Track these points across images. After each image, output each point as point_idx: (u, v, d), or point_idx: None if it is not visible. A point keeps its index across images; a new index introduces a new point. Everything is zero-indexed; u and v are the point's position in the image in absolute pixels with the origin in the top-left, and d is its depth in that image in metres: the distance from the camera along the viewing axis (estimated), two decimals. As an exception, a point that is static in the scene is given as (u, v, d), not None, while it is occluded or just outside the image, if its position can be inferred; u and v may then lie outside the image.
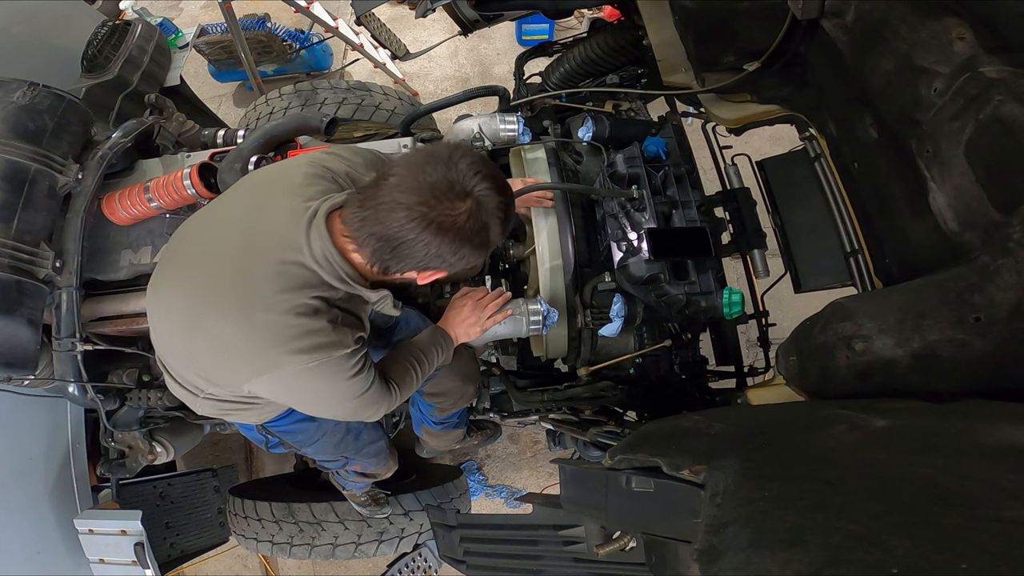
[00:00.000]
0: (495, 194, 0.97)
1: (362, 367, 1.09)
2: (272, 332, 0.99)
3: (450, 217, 0.93)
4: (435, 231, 0.93)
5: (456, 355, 1.52)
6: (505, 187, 1.01)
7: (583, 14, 3.60)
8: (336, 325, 1.02)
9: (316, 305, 1.00)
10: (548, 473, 2.93)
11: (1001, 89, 0.94)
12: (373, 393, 1.15)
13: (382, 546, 2.09)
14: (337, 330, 1.02)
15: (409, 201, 0.92)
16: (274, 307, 0.98)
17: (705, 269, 1.53)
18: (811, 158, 1.68)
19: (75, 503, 1.86)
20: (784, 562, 0.50)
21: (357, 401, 1.13)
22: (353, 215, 0.97)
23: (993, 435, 0.69)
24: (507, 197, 1.01)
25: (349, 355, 1.05)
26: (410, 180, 0.93)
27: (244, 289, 1.00)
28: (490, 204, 0.97)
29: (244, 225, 1.06)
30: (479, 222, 0.96)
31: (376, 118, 2.41)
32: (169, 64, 2.43)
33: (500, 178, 1.00)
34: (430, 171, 0.93)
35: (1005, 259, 0.84)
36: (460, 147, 0.99)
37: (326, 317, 1.01)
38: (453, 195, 0.93)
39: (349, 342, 1.04)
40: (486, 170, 0.97)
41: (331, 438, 1.57)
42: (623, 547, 1.04)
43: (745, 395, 1.55)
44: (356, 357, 1.07)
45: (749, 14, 1.55)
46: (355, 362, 1.07)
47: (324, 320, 1.00)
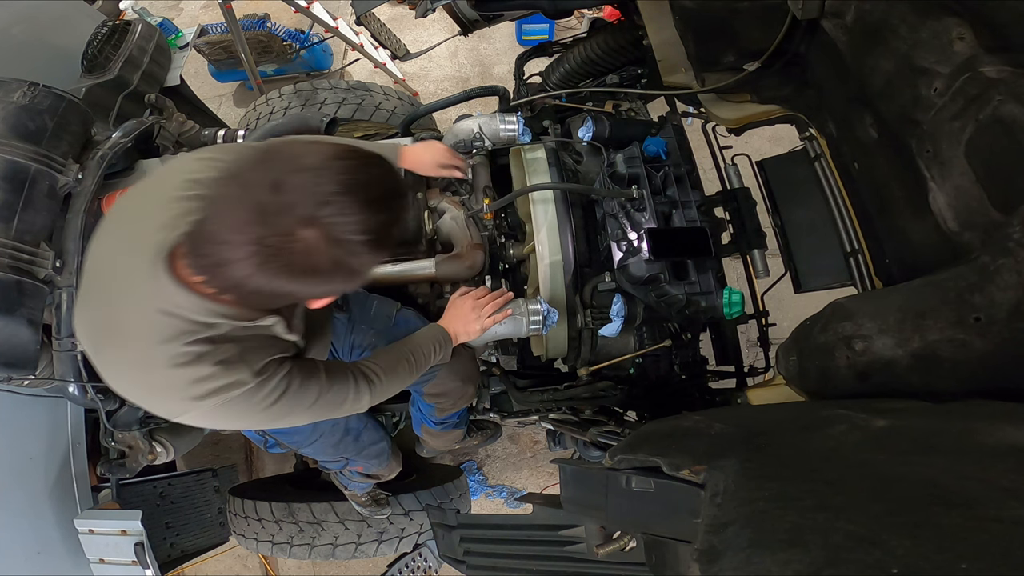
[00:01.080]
0: (349, 213, 0.76)
1: (284, 389, 0.98)
2: (162, 386, 0.91)
3: (294, 255, 0.76)
4: (287, 274, 0.77)
5: (455, 356, 1.52)
6: (370, 190, 0.79)
7: (583, 14, 3.60)
8: (229, 365, 0.90)
9: (197, 351, 0.88)
10: (548, 473, 2.93)
11: (1001, 89, 0.94)
12: (334, 394, 1.08)
13: (382, 546, 2.09)
14: (231, 370, 0.90)
15: (239, 240, 0.74)
16: (154, 362, 0.88)
17: (705, 269, 1.53)
18: (811, 158, 1.68)
19: (75, 503, 1.86)
20: (784, 562, 0.50)
21: (312, 409, 1.05)
22: (191, 264, 0.82)
23: (993, 435, 0.69)
24: (373, 209, 0.78)
25: (256, 387, 0.93)
26: (237, 211, 0.75)
27: (124, 341, 0.90)
28: (343, 228, 0.76)
29: (107, 263, 0.93)
30: (332, 254, 0.77)
31: (376, 118, 2.41)
32: (169, 64, 2.43)
33: (356, 182, 0.78)
34: (257, 191, 0.74)
35: (1005, 259, 0.84)
36: (298, 152, 0.78)
37: (211, 360, 0.89)
38: (289, 226, 0.74)
39: (247, 378, 0.92)
40: (330, 181, 0.76)
41: (329, 439, 1.57)
42: (623, 547, 1.04)
43: (745, 395, 1.55)
44: (269, 385, 0.95)
45: (749, 14, 1.55)
46: (270, 390, 0.96)
47: (209, 365, 0.88)
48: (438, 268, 1.62)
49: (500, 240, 1.79)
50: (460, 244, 1.67)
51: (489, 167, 1.87)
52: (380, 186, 0.81)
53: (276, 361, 0.98)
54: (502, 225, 1.83)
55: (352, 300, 1.48)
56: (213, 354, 0.89)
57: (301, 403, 1.02)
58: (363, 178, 0.79)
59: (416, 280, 1.66)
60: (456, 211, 1.71)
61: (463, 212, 1.71)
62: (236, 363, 0.91)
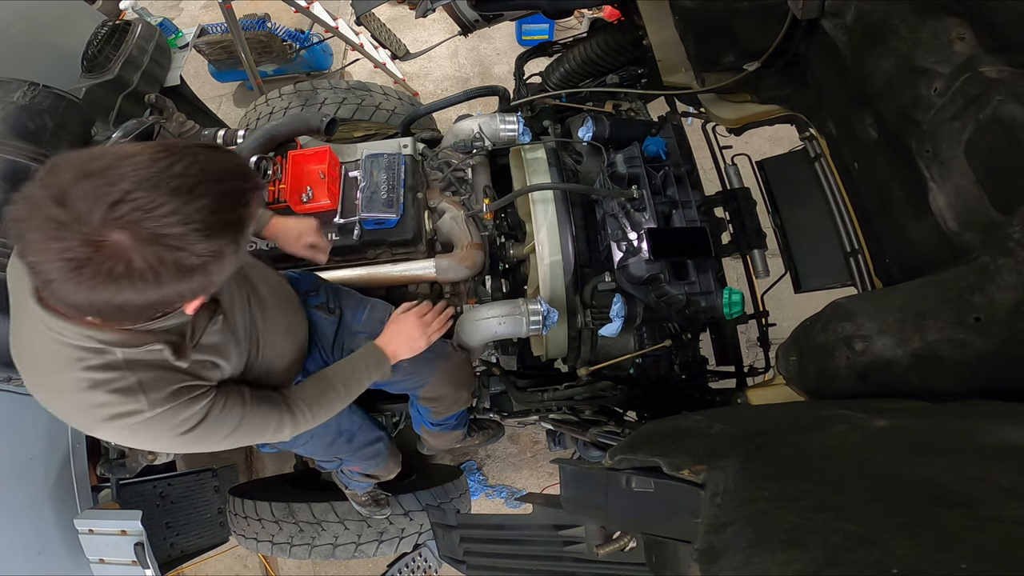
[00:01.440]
0: (152, 206, 0.71)
1: (200, 420, 0.97)
2: (70, 408, 0.91)
3: (106, 262, 0.71)
4: (108, 283, 0.72)
5: (449, 362, 1.52)
6: (174, 179, 0.73)
7: (583, 14, 3.60)
8: (125, 393, 0.89)
9: (93, 378, 0.87)
10: (548, 473, 2.93)
11: (1001, 89, 0.94)
12: (255, 426, 1.08)
13: (382, 546, 2.09)
14: (127, 399, 0.89)
15: (47, 259, 0.71)
16: (61, 387, 0.89)
17: (705, 269, 1.53)
18: (811, 158, 1.68)
19: (75, 503, 1.86)
20: (784, 562, 0.50)
21: (228, 439, 1.05)
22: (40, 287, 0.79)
23: (993, 435, 0.69)
24: (184, 197, 0.72)
25: (160, 416, 0.92)
26: (33, 232, 0.71)
27: (37, 368, 0.92)
28: (151, 223, 0.71)
29: (17, 292, 0.91)
30: (148, 252, 0.72)
31: (376, 118, 2.41)
32: (169, 64, 2.43)
33: (154, 175, 0.72)
34: (45, 207, 0.70)
35: (1005, 259, 0.84)
36: (83, 159, 0.72)
37: (107, 388, 0.88)
38: (87, 234, 0.70)
39: (143, 407, 0.90)
40: (122, 180, 0.70)
41: (320, 440, 1.57)
42: (623, 547, 1.04)
43: (745, 395, 1.55)
44: (180, 415, 0.94)
45: (749, 14, 1.55)
46: (182, 419, 0.95)
47: (104, 392, 0.88)
48: (438, 268, 1.62)
49: (500, 240, 1.79)
50: (460, 244, 1.67)
51: (489, 167, 1.87)
52: (187, 174, 0.74)
53: (188, 390, 0.96)
54: (502, 225, 1.83)
55: (344, 303, 1.48)
56: (110, 382, 0.88)
57: (216, 432, 1.02)
58: (161, 170, 0.73)
59: (416, 280, 1.66)
60: (456, 211, 1.71)
61: (463, 212, 1.71)
62: (134, 392, 0.89)
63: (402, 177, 1.64)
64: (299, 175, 1.62)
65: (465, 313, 1.62)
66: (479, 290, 1.71)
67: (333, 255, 1.64)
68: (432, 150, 1.82)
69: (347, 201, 1.64)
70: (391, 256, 1.66)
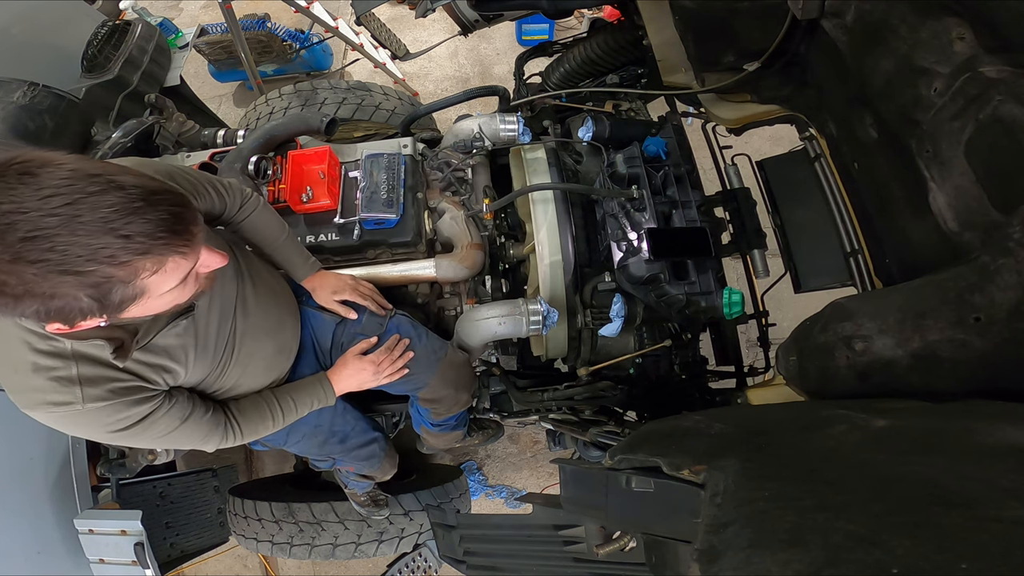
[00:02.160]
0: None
1: (136, 421, 0.99)
2: (10, 387, 0.93)
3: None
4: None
5: (449, 364, 1.52)
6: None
7: (583, 14, 3.60)
8: (62, 383, 0.90)
9: (36, 362, 0.89)
10: (548, 473, 2.93)
11: (1001, 89, 0.94)
12: (187, 434, 1.10)
13: (382, 546, 2.09)
14: (62, 389, 0.91)
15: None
16: (9, 365, 0.91)
17: (705, 269, 1.53)
18: (811, 158, 1.68)
19: (75, 503, 1.86)
20: (784, 562, 0.50)
21: (161, 439, 1.07)
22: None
23: (993, 435, 0.69)
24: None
25: (94, 411, 0.93)
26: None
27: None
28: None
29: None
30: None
31: (376, 118, 2.41)
32: (169, 64, 2.43)
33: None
34: None
35: (1005, 259, 0.84)
36: None
37: (46, 375, 0.90)
38: None
39: (75, 400, 0.91)
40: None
41: (311, 440, 1.57)
42: (623, 547, 1.04)
43: (745, 395, 1.55)
44: (118, 415, 0.96)
45: (749, 14, 1.55)
46: (120, 418, 0.97)
47: (43, 378, 0.90)
48: (438, 268, 1.62)
49: (500, 240, 1.79)
50: (460, 244, 1.67)
51: (489, 167, 1.87)
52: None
53: (129, 391, 0.96)
54: (502, 225, 1.83)
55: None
56: (51, 369, 0.90)
57: (146, 435, 1.03)
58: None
59: (416, 280, 1.66)
60: (456, 211, 1.71)
61: (463, 212, 1.71)
62: (71, 384, 0.91)
63: (402, 177, 1.64)
64: (299, 175, 1.62)
65: (465, 313, 1.62)
66: (479, 290, 1.71)
67: (333, 255, 1.64)
68: (432, 150, 1.82)
69: (347, 201, 1.64)
70: (391, 256, 1.66)
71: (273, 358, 1.32)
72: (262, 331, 1.26)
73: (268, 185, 1.65)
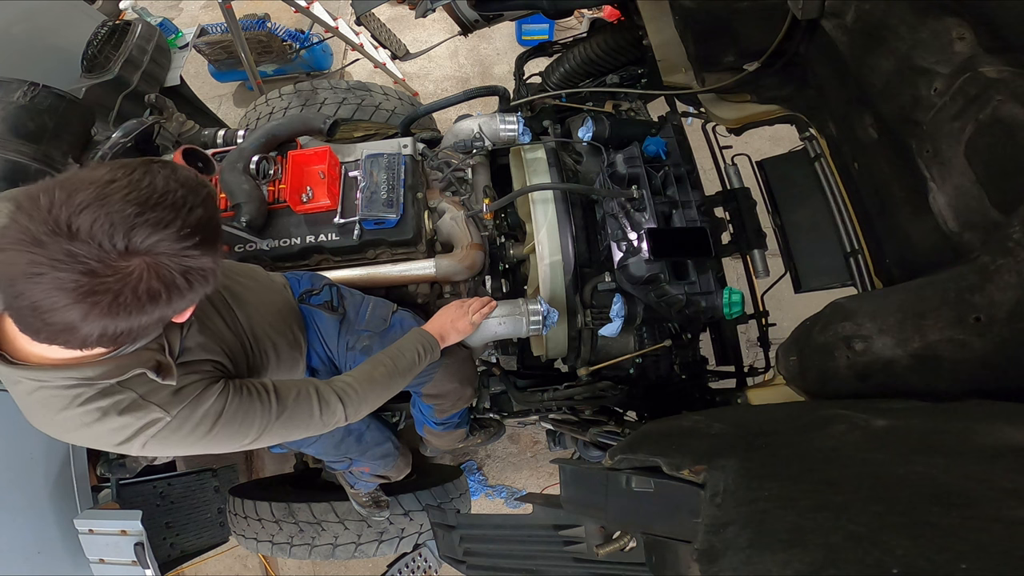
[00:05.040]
0: (163, 225, 0.73)
1: (218, 415, 0.96)
2: (91, 439, 0.91)
3: (134, 287, 0.74)
4: (139, 308, 0.75)
5: (452, 358, 1.52)
6: (168, 194, 0.74)
7: (583, 14, 3.60)
8: (135, 409, 0.89)
9: (98, 407, 0.87)
10: (548, 473, 2.93)
11: (1001, 89, 0.94)
12: (293, 412, 1.06)
13: (382, 546, 2.09)
14: (140, 412, 0.89)
15: (70, 300, 0.71)
16: (69, 425, 0.88)
17: (705, 269, 1.53)
18: (811, 158, 1.68)
19: (75, 503, 1.86)
20: (784, 562, 0.50)
21: (271, 431, 1.03)
22: (35, 338, 0.77)
23: (993, 435, 0.69)
24: (184, 210, 0.75)
25: (178, 419, 0.92)
26: (46, 277, 0.69)
27: (33, 415, 0.91)
28: (167, 243, 0.73)
29: None
30: (170, 270, 0.75)
31: (376, 118, 2.41)
32: (169, 64, 2.43)
33: (149, 194, 0.73)
34: (54, 248, 0.69)
35: (1005, 259, 0.84)
36: (66, 192, 0.70)
37: (116, 411, 0.88)
38: (111, 266, 0.71)
39: (160, 414, 0.90)
40: (123, 203, 0.71)
41: (329, 440, 1.57)
42: (623, 547, 1.04)
43: (745, 395, 1.55)
44: (196, 415, 0.94)
45: (749, 14, 1.55)
46: (199, 419, 0.94)
47: (115, 416, 0.88)
48: (438, 268, 1.62)
49: (500, 240, 1.79)
50: (460, 244, 1.67)
51: (489, 167, 1.87)
52: (174, 186, 0.75)
53: (190, 389, 0.94)
54: (502, 225, 1.83)
55: (347, 301, 1.48)
56: (117, 405, 0.88)
57: (248, 425, 1.00)
58: (151, 187, 0.73)
59: (416, 280, 1.66)
60: (456, 211, 1.71)
61: (463, 212, 1.71)
62: (142, 405, 0.89)
63: (402, 177, 1.64)
64: (299, 175, 1.62)
65: (465, 313, 1.62)
66: (479, 290, 1.71)
67: (333, 255, 1.64)
68: (432, 150, 1.82)
69: (347, 201, 1.64)
70: (391, 256, 1.66)
71: (284, 339, 1.32)
72: (263, 310, 1.25)
73: (269, 185, 1.65)
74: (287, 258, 1.60)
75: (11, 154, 1.51)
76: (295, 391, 1.09)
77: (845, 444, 0.74)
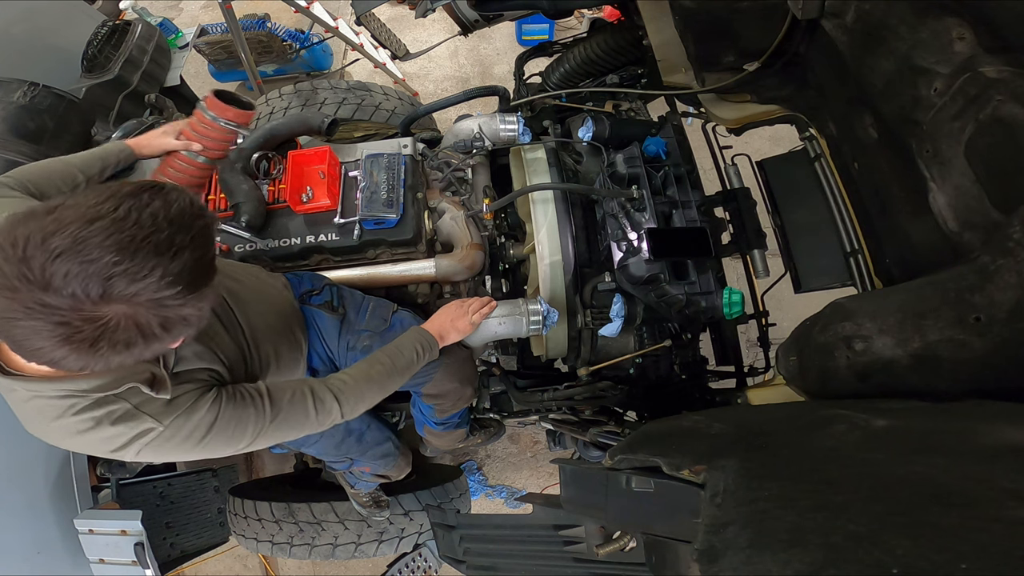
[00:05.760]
0: (142, 274, 0.70)
1: (212, 421, 0.96)
2: (86, 446, 0.91)
3: (112, 333, 0.72)
4: (116, 351, 0.74)
5: (453, 357, 1.52)
6: (152, 235, 0.71)
7: (583, 14, 3.60)
8: (128, 418, 0.89)
9: (91, 417, 0.87)
10: (548, 473, 2.93)
11: (1001, 89, 0.94)
12: (288, 413, 1.06)
13: (382, 546, 2.09)
14: (133, 422, 0.89)
15: (51, 345, 0.71)
16: (64, 433, 0.89)
17: (705, 269, 1.53)
18: (811, 158, 1.68)
19: (75, 503, 1.85)
20: (784, 562, 0.50)
21: (266, 433, 1.03)
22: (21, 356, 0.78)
23: (993, 435, 0.69)
24: (168, 253, 0.71)
25: (171, 427, 0.92)
26: (22, 323, 0.69)
27: (28, 421, 0.91)
28: (147, 291, 0.71)
29: None
30: (150, 316, 0.73)
31: (376, 118, 2.41)
32: (169, 64, 2.43)
33: (131, 237, 0.69)
34: (27, 297, 0.67)
35: (1005, 259, 0.84)
36: (42, 235, 0.67)
37: (108, 421, 0.88)
38: (88, 315, 0.70)
39: (153, 424, 0.90)
40: (100, 250, 0.68)
41: (330, 440, 1.57)
42: (623, 547, 1.04)
43: (745, 395, 1.55)
44: (190, 422, 0.93)
45: (749, 14, 1.55)
46: (193, 426, 0.94)
47: (108, 425, 0.87)
48: (438, 268, 1.62)
49: (500, 240, 1.79)
50: (460, 244, 1.67)
51: (489, 167, 1.87)
52: (163, 224, 0.72)
53: (184, 398, 0.94)
54: (502, 225, 1.83)
55: (347, 302, 1.48)
56: (110, 415, 0.88)
57: (242, 431, 1.00)
58: (136, 226, 0.69)
59: (416, 280, 1.66)
60: (456, 211, 1.71)
61: (463, 212, 1.71)
62: (135, 415, 0.89)
63: (402, 177, 1.64)
64: (299, 175, 1.62)
65: (465, 313, 1.62)
66: (479, 290, 1.72)
67: (333, 255, 1.64)
68: (432, 150, 1.82)
69: (347, 201, 1.63)
70: (391, 256, 1.66)
71: (286, 342, 1.31)
72: (263, 311, 1.25)
73: (269, 185, 1.65)
74: (287, 258, 1.60)
75: (11, 154, 1.51)
76: (289, 392, 1.08)
77: (845, 444, 0.74)
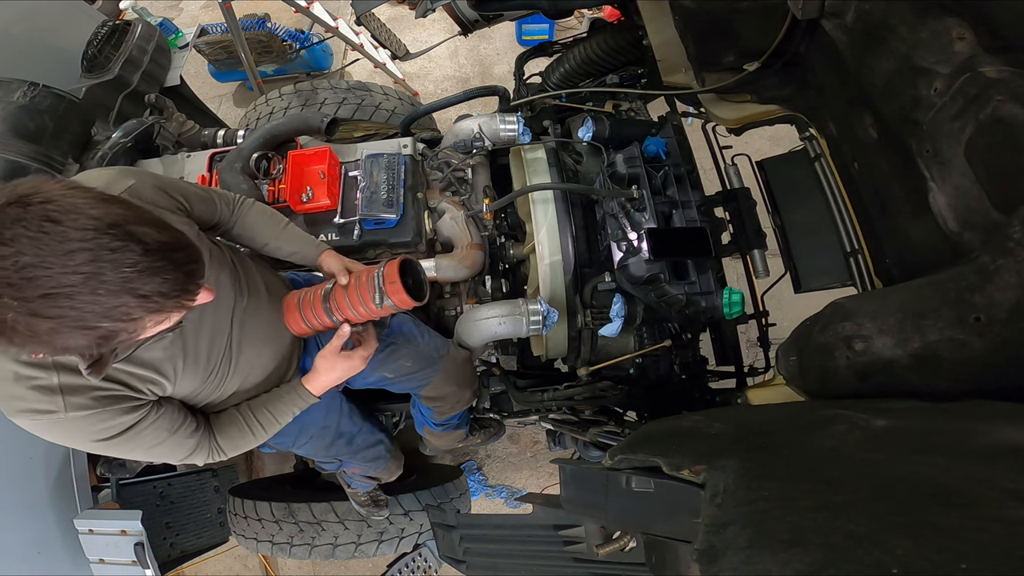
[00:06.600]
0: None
1: (123, 431, 0.98)
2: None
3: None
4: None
5: (452, 361, 1.52)
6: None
7: (583, 14, 3.60)
8: (44, 391, 0.90)
9: (16, 371, 0.89)
10: (548, 473, 2.93)
11: (1001, 89, 0.94)
12: (175, 447, 1.09)
13: (382, 546, 2.09)
14: (44, 398, 0.90)
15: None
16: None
17: (705, 269, 1.53)
18: (811, 158, 1.68)
19: (75, 503, 1.85)
20: (784, 562, 0.50)
21: (149, 452, 1.06)
22: None
23: (993, 435, 0.69)
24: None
25: (78, 419, 0.92)
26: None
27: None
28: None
29: None
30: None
31: (376, 118, 2.41)
32: (169, 64, 2.43)
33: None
34: None
35: (1005, 259, 0.84)
36: None
37: (27, 384, 0.89)
38: None
39: (57, 408, 0.90)
40: None
41: (319, 441, 1.56)
42: (623, 547, 1.04)
43: (745, 395, 1.55)
44: (102, 424, 0.95)
45: (749, 14, 1.55)
46: (107, 427, 0.96)
47: (24, 387, 0.89)
48: (438, 268, 1.62)
49: (500, 240, 1.79)
50: (460, 244, 1.67)
51: (489, 167, 1.87)
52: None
53: (115, 400, 0.96)
54: (502, 225, 1.83)
55: None
56: (32, 379, 0.89)
57: (135, 446, 1.02)
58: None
59: (416, 280, 1.66)
60: (456, 211, 1.71)
61: (463, 212, 1.71)
62: (52, 393, 0.90)
63: (402, 177, 1.64)
64: (299, 175, 1.62)
65: (465, 313, 1.62)
66: (479, 290, 1.71)
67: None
68: (432, 150, 1.82)
69: (347, 201, 1.64)
70: (391, 256, 1.66)
71: (273, 363, 1.31)
72: (260, 340, 1.23)
73: (269, 184, 1.65)
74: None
75: (11, 154, 1.51)
76: (192, 435, 1.11)
77: (845, 444, 0.74)
